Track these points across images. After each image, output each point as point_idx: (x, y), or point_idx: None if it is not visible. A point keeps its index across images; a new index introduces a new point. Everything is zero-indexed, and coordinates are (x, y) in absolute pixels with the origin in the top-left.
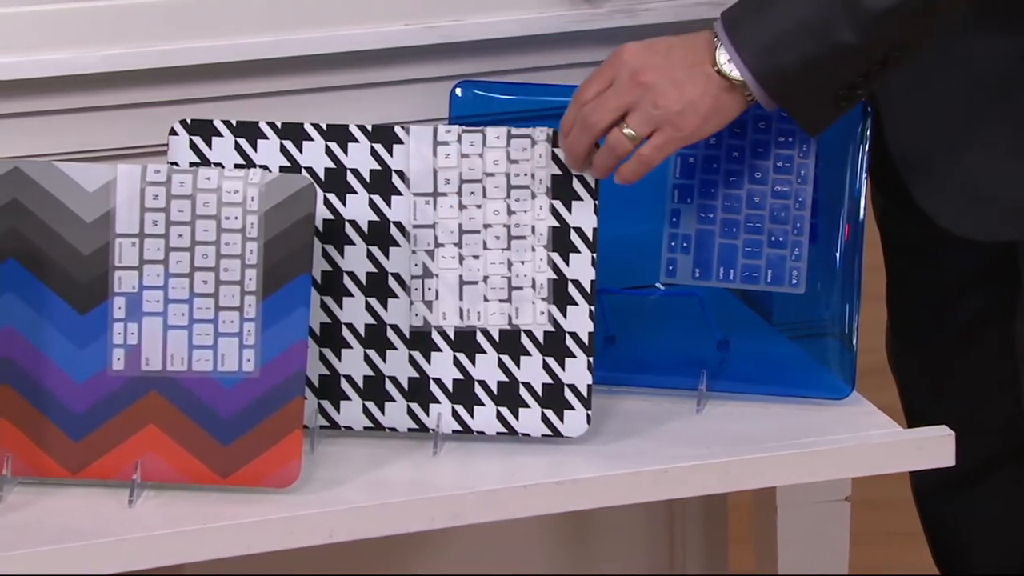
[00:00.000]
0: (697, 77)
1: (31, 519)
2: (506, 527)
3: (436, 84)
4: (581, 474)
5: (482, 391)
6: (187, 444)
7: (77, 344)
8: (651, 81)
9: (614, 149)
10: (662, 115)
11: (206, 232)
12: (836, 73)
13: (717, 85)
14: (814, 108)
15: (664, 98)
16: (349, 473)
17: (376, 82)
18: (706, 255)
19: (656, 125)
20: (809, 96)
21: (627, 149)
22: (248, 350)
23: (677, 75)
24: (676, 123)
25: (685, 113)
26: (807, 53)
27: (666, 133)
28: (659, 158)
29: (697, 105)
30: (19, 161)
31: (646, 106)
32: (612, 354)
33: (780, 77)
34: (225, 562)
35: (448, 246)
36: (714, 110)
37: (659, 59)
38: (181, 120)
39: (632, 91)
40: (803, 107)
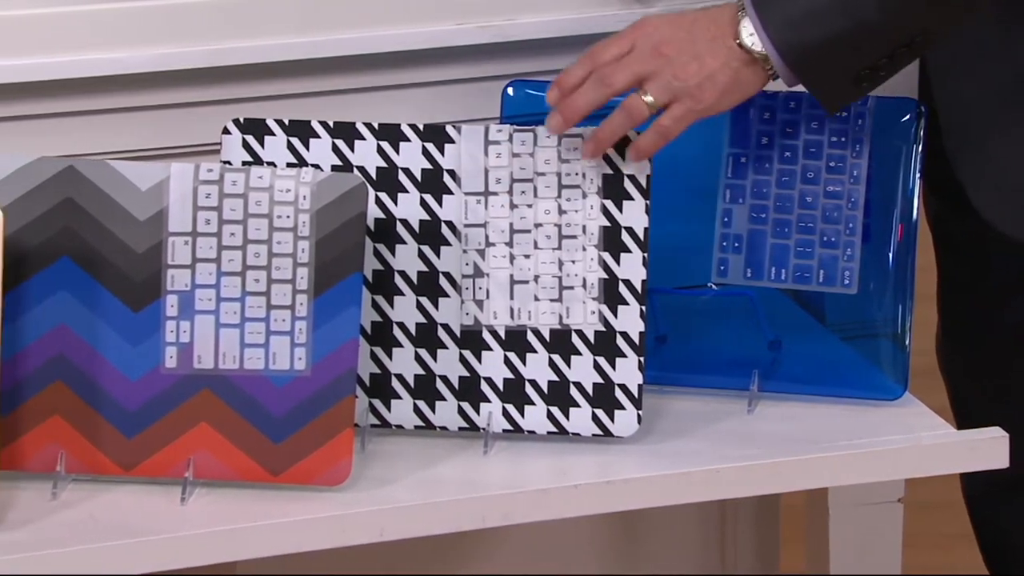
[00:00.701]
0: (718, 50)
1: (84, 516)
2: (555, 527)
3: (488, 83)
4: (632, 474)
5: (533, 390)
6: (239, 442)
7: (130, 342)
8: (672, 53)
9: (631, 112)
10: (681, 86)
11: (258, 231)
12: (860, 52)
13: (738, 59)
14: (834, 86)
15: (684, 70)
16: (400, 472)
17: (428, 81)
18: (758, 255)
19: (675, 96)
20: (830, 74)
21: (644, 115)
22: (299, 348)
23: (699, 48)
24: (695, 95)
25: (704, 86)
26: (832, 29)
27: (684, 104)
28: (677, 130)
29: (716, 78)
30: (73, 160)
31: (666, 76)
32: (663, 354)
33: (802, 52)
34: (276, 560)
35: (499, 245)
36: (734, 83)
37: (682, 32)
38: (234, 119)
39: (653, 60)
40: (823, 84)
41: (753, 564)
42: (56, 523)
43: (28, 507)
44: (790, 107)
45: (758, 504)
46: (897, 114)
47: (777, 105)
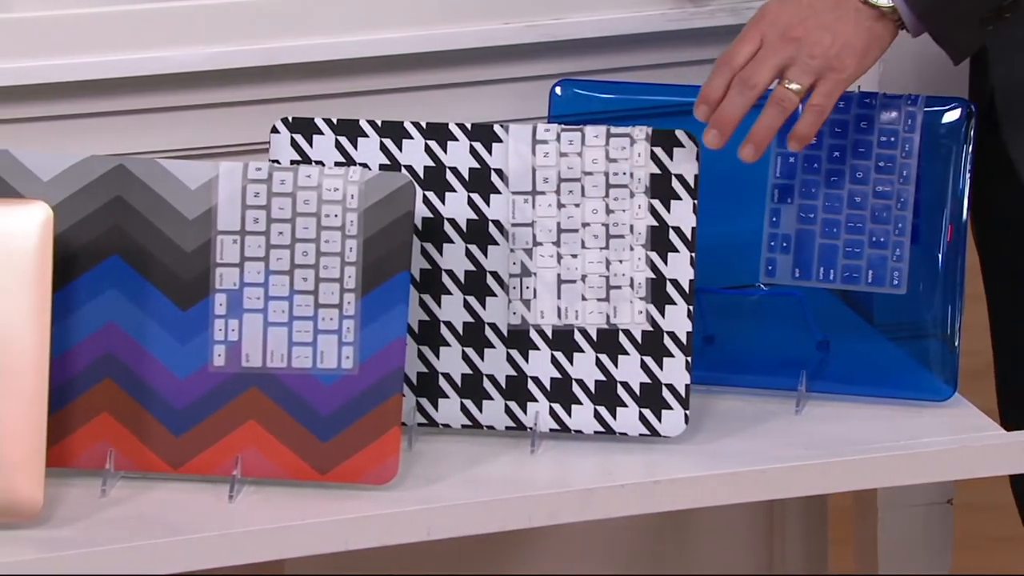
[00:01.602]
0: (846, 15)
1: (132, 513)
2: (602, 526)
3: (536, 83)
4: (679, 474)
5: (580, 390)
6: (287, 440)
7: (179, 340)
8: (802, 34)
9: (782, 104)
10: (821, 63)
11: (306, 229)
12: None
13: (868, 16)
14: (959, 28)
15: (819, 46)
16: (447, 470)
17: (476, 81)
18: (806, 255)
19: (818, 74)
20: (955, 15)
21: (795, 102)
22: (347, 347)
23: (826, 19)
24: (836, 66)
25: (843, 54)
26: None
27: (830, 79)
28: (830, 105)
29: (852, 43)
30: (123, 158)
31: (803, 58)
32: (711, 354)
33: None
34: (323, 559)
35: (546, 244)
36: (869, 43)
37: (804, 10)
38: (283, 118)
39: (786, 47)
40: (948, 27)
41: (801, 565)
42: (105, 520)
43: (77, 504)
44: (839, 106)
45: (806, 505)
46: (947, 114)
47: None
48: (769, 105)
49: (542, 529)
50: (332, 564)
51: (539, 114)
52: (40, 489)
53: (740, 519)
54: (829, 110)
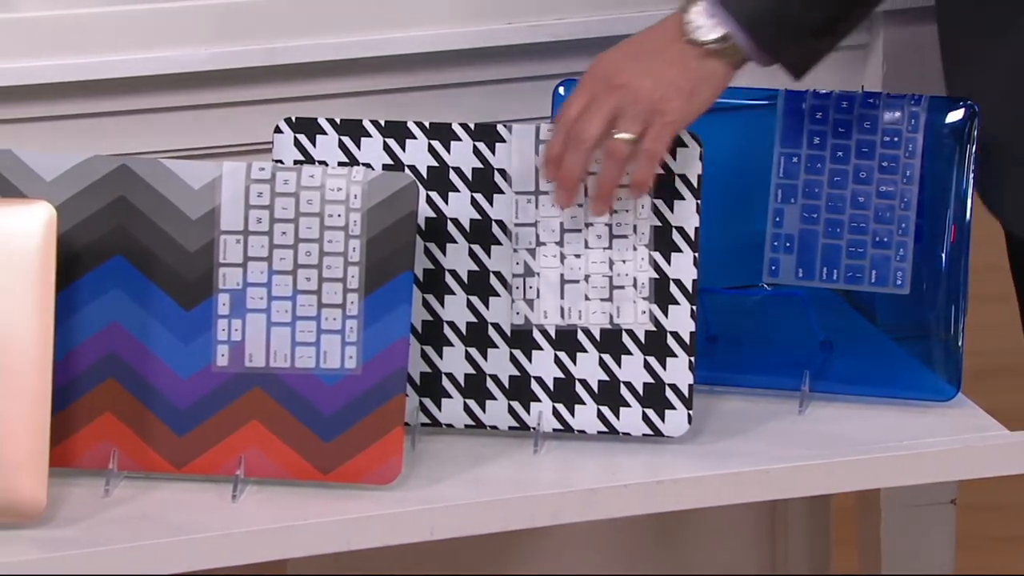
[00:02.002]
0: (671, 58)
1: (136, 513)
2: (604, 526)
3: (539, 83)
4: (682, 474)
5: (583, 390)
6: (290, 440)
7: (182, 340)
8: (625, 82)
9: (613, 154)
10: (646, 108)
11: (309, 229)
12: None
13: (693, 56)
14: (793, 45)
15: (642, 91)
16: (450, 470)
17: (479, 80)
18: (809, 255)
19: (645, 120)
20: (788, 32)
21: (624, 152)
22: (350, 347)
23: (649, 65)
24: (662, 109)
25: (667, 97)
26: None
27: (657, 123)
28: (661, 149)
29: (678, 84)
30: (126, 158)
31: (629, 106)
32: (714, 354)
33: (758, 14)
34: (326, 559)
35: (549, 244)
36: (697, 82)
37: (628, 58)
38: (286, 118)
39: (612, 97)
40: (782, 45)
41: (804, 565)
42: (108, 520)
43: (80, 504)
44: (842, 106)
45: (809, 505)
46: (950, 114)
47: (829, 104)
48: (604, 158)
49: (544, 529)
50: (335, 564)
51: (542, 114)
52: (43, 489)
53: (743, 519)
54: (660, 153)
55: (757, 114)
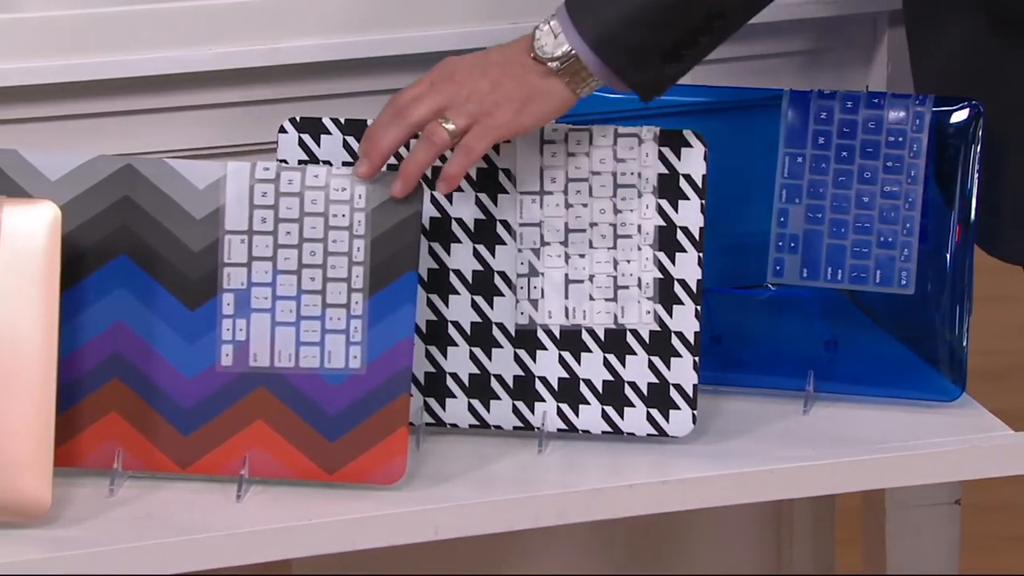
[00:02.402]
0: (512, 69)
1: (140, 513)
2: (608, 526)
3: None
4: (687, 474)
5: (587, 390)
6: (294, 440)
7: (187, 340)
8: (464, 79)
9: (431, 138)
10: (476, 107)
11: (314, 229)
12: (657, 26)
13: (534, 72)
14: (641, 68)
15: (477, 92)
16: (454, 470)
17: None
18: (814, 255)
19: (473, 117)
20: (634, 54)
21: (444, 139)
22: (355, 347)
23: (492, 70)
24: (491, 112)
25: (500, 103)
26: (628, 3)
27: (483, 124)
28: (480, 148)
29: (512, 94)
30: (131, 158)
31: (461, 100)
32: (718, 354)
33: (602, 32)
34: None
35: (554, 244)
36: (529, 96)
37: (475, 61)
38: (290, 118)
39: (446, 89)
40: (630, 66)
41: (809, 565)
42: (113, 520)
43: (85, 504)
44: (847, 106)
45: (814, 505)
46: (955, 113)
47: (834, 104)
48: (421, 139)
49: (546, 529)
50: (340, 564)
51: None
52: (48, 489)
53: (747, 519)
54: (478, 154)
55: (761, 114)
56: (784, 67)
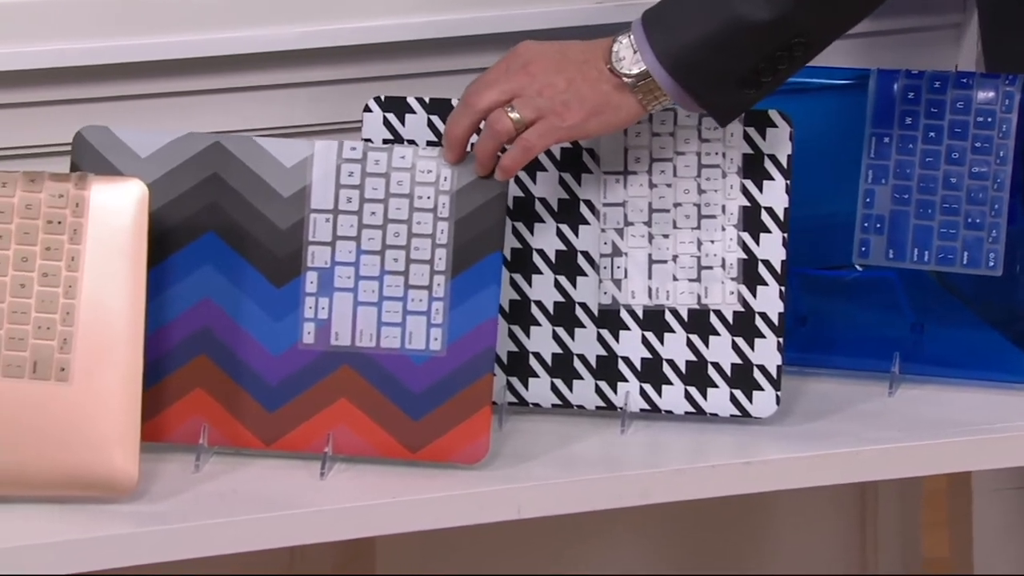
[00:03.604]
0: (588, 73)
1: (226, 488)
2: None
3: None
4: (770, 455)
5: (670, 370)
6: (378, 418)
7: (273, 317)
8: (539, 71)
9: (493, 127)
10: (546, 103)
11: (398, 210)
12: (737, 53)
13: (609, 83)
14: (718, 93)
15: (551, 87)
16: (537, 450)
17: None
18: (900, 236)
19: (540, 112)
20: (711, 79)
21: (508, 129)
22: (436, 329)
23: (568, 69)
24: (560, 112)
25: (570, 104)
26: (707, 27)
27: (549, 121)
28: (540, 145)
29: (584, 98)
30: (220, 136)
31: (532, 92)
32: (803, 335)
33: (680, 56)
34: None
35: (638, 224)
36: (602, 106)
37: (554, 53)
38: (375, 97)
39: (521, 77)
40: (706, 91)
41: (895, 548)
42: (199, 495)
43: (172, 479)
44: (935, 86)
45: (900, 488)
46: None
47: (922, 84)
48: (485, 125)
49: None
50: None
51: None
52: (135, 464)
53: (832, 502)
54: (537, 150)
55: (848, 94)
56: (872, 47)
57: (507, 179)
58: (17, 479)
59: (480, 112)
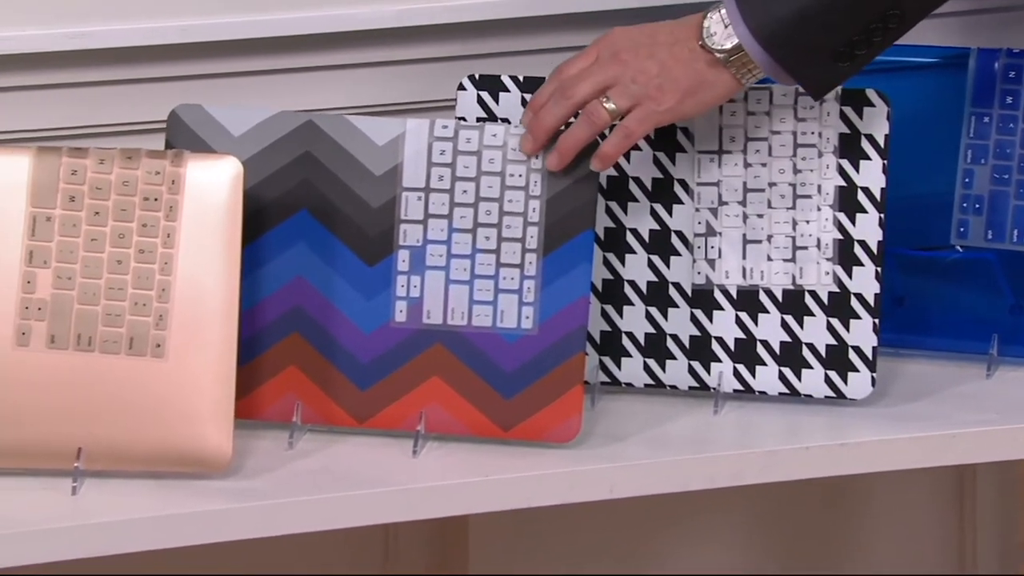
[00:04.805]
0: (680, 53)
1: (319, 466)
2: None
3: None
4: (865, 437)
5: (764, 351)
6: (470, 397)
7: (365, 295)
8: (630, 59)
9: (591, 118)
10: (641, 89)
11: (490, 188)
12: (832, 25)
13: (702, 60)
14: (812, 66)
15: (644, 74)
16: (629, 429)
17: None
18: (1000, 217)
19: (636, 99)
20: (806, 52)
21: (605, 120)
22: (527, 307)
23: (659, 53)
24: (655, 97)
25: (665, 87)
26: (802, 2)
27: (646, 107)
28: (640, 131)
29: (678, 80)
30: (313, 114)
31: (626, 81)
32: (900, 316)
33: (774, 29)
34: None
35: (732, 204)
36: (697, 85)
37: (643, 38)
38: (469, 75)
39: (613, 67)
40: (800, 64)
41: (992, 531)
42: (292, 473)
43: (265, 456)
44: None
45: (998, 471)
46: None
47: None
48: (581, 116)
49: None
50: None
51: None
52: (229, 441)
53: (928, 485)
54: (637, 137)
55: (948, 73)
56: (972, 25)
57: (604, 168)
58: (113, 454)
59: (575, 105)
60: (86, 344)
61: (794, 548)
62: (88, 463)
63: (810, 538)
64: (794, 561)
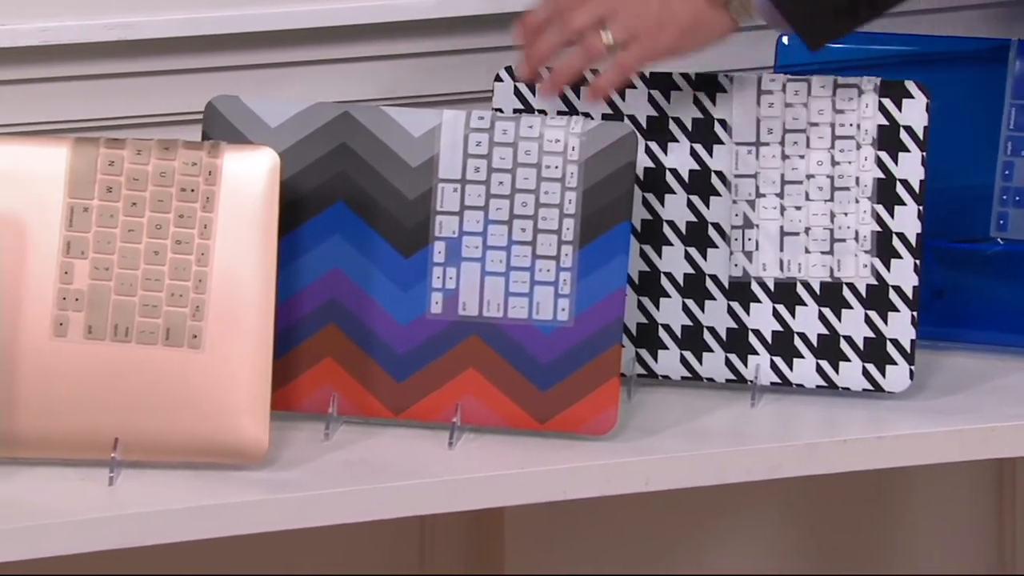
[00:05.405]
0: None
1: (355, 457)
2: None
3: (762, 32)
4: (903, 430)
5: (802, 343)
6: (506, 389)
7: (401, 287)
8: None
9: (588, 50)
10: (640, 24)
11: (526, 180)
12: None
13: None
14: (811, 15)
15: (645, 8)
16: (666, 422)
17: None
18: None
19: (633, 34)
20: (808, 3)
21: (600, 52)
22: (563, 299)
23: None
24: (654, 33)
25: (664, 25)
26: None
27: (644, 43)
28: (635, 66)
29: (678, 18)
30: (349, 105)
31: (626, 14)
32: (939, 309)
33: None
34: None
35: (769, 196)
36: (696, 24)
37: None
38: (506, 67)
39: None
40: (799, 12)
41: None
42: (328, 464)
43: (301, 448)
44: None
45: None
46: None
47: None
48: (577, 49)
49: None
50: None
51: (765, 63)
52: (265, 432)
53: (968, 481)
54: (632, 71)
55: (988, 64)
56: (1014, 17)
57: (596, 99)
58: (149, 445)
59: (572, 32)
60: (123, 335)
61: (832, 544)
62: (124, 454)
63: (848, 534)
64: (832, 558)
